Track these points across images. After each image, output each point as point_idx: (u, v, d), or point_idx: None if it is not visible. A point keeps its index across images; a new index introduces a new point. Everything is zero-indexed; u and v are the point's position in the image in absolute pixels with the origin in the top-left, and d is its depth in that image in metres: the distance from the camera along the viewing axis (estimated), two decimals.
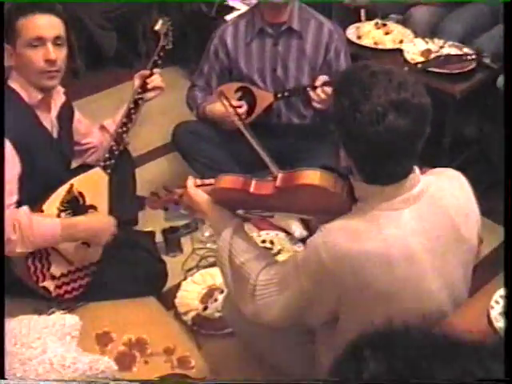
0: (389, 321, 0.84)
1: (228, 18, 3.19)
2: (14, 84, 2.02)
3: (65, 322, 1.55)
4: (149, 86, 2.22)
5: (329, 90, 2.32)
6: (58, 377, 1.34)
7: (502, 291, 1.37)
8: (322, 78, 2.37)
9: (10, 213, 1.90)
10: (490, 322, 1.31)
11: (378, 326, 0.83)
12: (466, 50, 2.63)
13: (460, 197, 1.46)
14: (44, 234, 1.97)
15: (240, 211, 1.70)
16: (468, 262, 1.47)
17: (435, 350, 0.76)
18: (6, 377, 1.29)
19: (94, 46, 3.63)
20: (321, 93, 2.35)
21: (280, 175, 1.53)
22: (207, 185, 1.70)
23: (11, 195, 1.93)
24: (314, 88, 2.38)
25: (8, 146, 1.93)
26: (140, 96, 2.22)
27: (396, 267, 1.34)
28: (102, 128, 2.44)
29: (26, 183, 1.98)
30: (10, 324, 1.51)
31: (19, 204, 1.95)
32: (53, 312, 1.81)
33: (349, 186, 1.45)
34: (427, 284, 1.39)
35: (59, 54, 1.98)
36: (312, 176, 1.47)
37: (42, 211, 2.00)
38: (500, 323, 1.31)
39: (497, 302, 1.35)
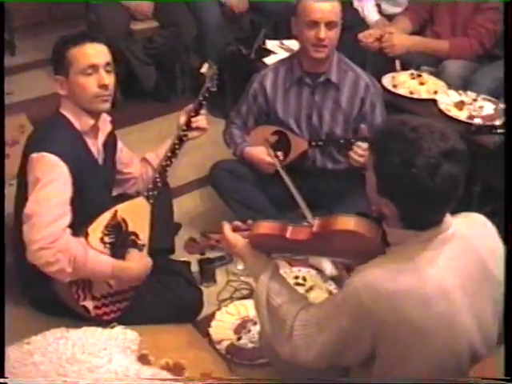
0: None
1: (266, 60, 3.32)
2: (65, 111, 2.14)
3: (126, 336, 1.63)
4: (193, 125, 2.32)
5: (364, 145, 2.38)
6: None
7: None
8: (363, 131, 2.43)
9: (66, 240, 1.98)
10: None
11: None
12: (500, 105, 2.71)
13: (487, 237, 1.53)
14: (95, 271, 2.06)
15: (275, 254, 1.77)
16: (497, 299, 1.52)
17: None
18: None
19: (133, 79, 3.74)
20: (358, 150, 2.41)
21: (316, 221, 1.62)
22: (243, 230, 1.79)
23: (64, 217, 2.02)
24: (348, 141, 2.47)
25: (64, 169, 2.03)
26: (185, 133, 2.32)
27: (432, 304, 1.39)
28: (144, 160, 2.53)
29: (74, 207, 2.07)
30: (76, 333, 1.58)
31: (70, 227, 2.03)
32: (114, 326, 1.87)
33: (382, 231, 1.52)
34: (460, 321, 1.44)
35: (110, 80, 2.10)
36: (348, 222, 1.56)
37: (87, 233, 2.08)
38: None
39: None
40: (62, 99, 2.15)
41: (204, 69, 2.41)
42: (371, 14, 3.60)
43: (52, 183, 2.00)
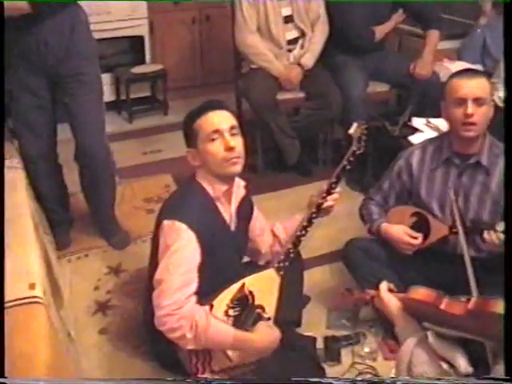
0: None
1: (411, 138, 3.25)
2: (200, 179, 2.20)
3: None
4: (324, 207, 2.28)
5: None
6: None
7: None
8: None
9: (190, 307, 2.01)
10: None
11: None
12: None
13: None
14: (216, 340, 2.06)
15: (427, 324, 1.71)
16: None
17: None
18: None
19: (276, 150, 3.82)
20: (495, 239, 2.29)
21: (474, 299, 1.56)
22: (398, 292, 1.85)
23: (190, 284, 2.05)
24: (494, 231, 2.32)
25: (192, 237, 2.07)
26: (315, 215, 2.28)
27: None
28: (272, 232, 2.53)
29: (203, 273, 2.10)
30: None
31: (196, 293, 2.06)
32: None
33: None
34: None
35: (236, 142, 2.14)
36: None
37: (212, 305, 2.09)
38: None
39: None
40: (198, 169, 2.22)
41: (352, 129, 2.27)
42: None
43: (180, 251, 2.06)
